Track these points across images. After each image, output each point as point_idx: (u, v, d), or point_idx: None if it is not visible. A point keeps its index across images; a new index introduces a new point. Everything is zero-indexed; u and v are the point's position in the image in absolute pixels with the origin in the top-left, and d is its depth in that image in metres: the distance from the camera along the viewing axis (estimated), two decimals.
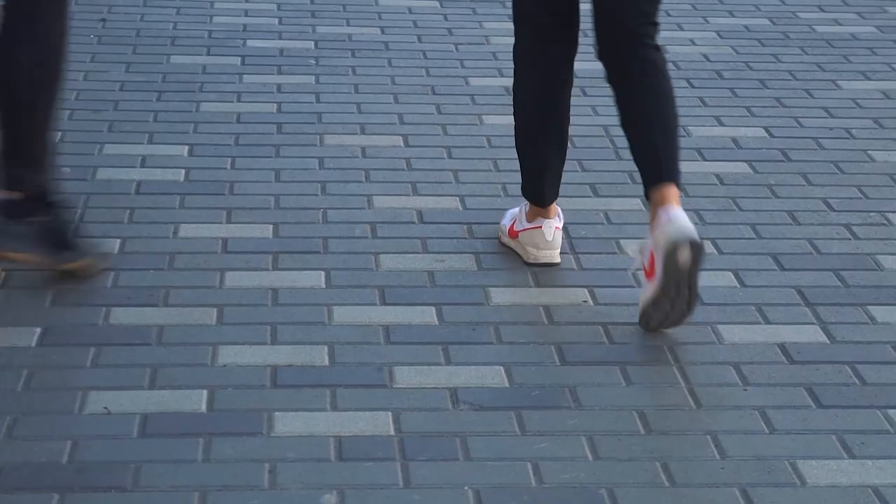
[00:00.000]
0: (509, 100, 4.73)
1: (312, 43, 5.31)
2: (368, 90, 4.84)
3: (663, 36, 5.42)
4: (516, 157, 3.66)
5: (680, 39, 5.49)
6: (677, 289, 3.18)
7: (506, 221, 3.73)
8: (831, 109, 4.81)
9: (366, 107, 4.68)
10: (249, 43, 5.28)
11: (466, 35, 5.46)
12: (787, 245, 3.77)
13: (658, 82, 3.53)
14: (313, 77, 4.95)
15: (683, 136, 4.50)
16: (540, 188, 3.65)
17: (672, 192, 3.30)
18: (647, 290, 3.24)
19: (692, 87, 4.98)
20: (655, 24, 3.58)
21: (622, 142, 4.41)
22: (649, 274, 3.24)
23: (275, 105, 4.67)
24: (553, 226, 3.64)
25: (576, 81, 4.92)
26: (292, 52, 5.20)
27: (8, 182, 3.39)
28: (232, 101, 4.69)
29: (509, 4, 5.80)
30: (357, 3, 5.80)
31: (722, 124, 4.64)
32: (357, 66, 5.08)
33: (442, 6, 5.80)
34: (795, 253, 3.72)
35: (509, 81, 4.92)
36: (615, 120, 4.58)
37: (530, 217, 3.65)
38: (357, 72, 5.02)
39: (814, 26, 5.72)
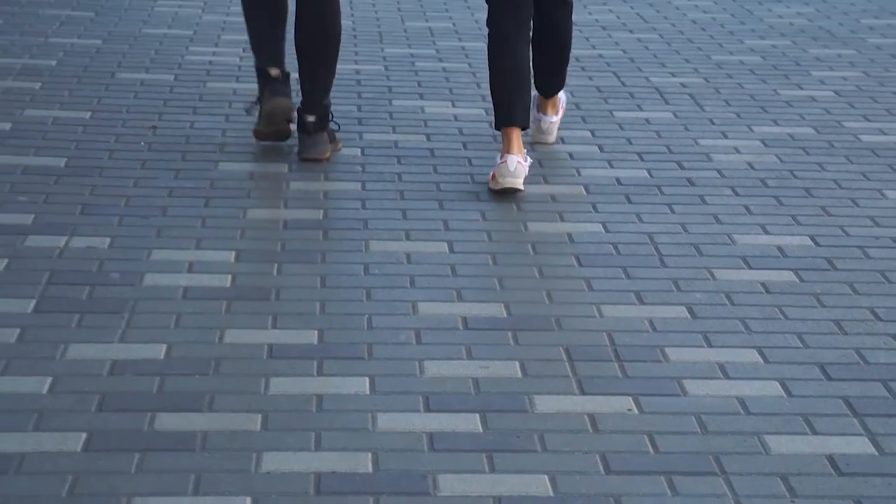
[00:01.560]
0: (555, 206, 4.77)
1: (359, 150, 5.36)
2: (414, 196, 4.87)
3: (708, 144, 5.49)
4: (562, 264, 3.69)
5: (724, 148, 5.51)
6: None
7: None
8: (877, 218, 4.81)
9: (411, 213, 4.71)
10: (297, 149, 5.33)
11: None
12: (834, 355, 3.74)
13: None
14: (359, 184, 4.99)
15: (728, 244, 4.51)
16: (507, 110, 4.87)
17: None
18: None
19: (737, 195, 4.99)
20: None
21: (667, 249, 4.42)
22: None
23: (321, 211, 4.70)
24: (515, 160, 4.83)
25: (619, 189, 4.96)
26: (339, 159, 5.25)
27: (311, 108, 5.15)
28: (279, 208, 4.73)
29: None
30: (403, 110, 5.86)
31: (767, 232, 4.64)
32: (403, 172, 5.12)
33: (487, 114, 5.85)
34: (843, 363, 3.70)
35: (555, 188, 4.96)
36: (660, 227, 4.61)
37: (501, 156, 4.86)
38: (403, 178, 5.06)
39: (859, 135, 5.73)
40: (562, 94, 5.48)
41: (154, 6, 7.50)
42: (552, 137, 5.46)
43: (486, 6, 5.69)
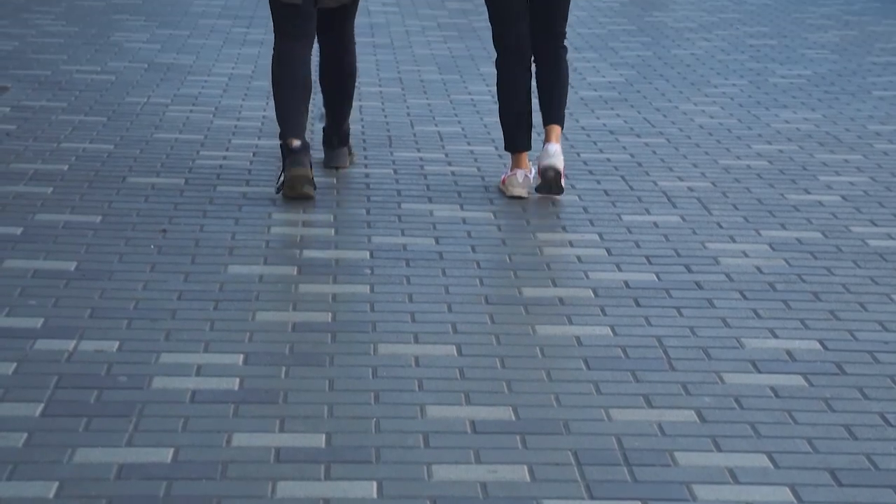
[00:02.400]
0: (563, 309, 4.77)
1: (367, 253, 5.38)
2: (422, 299, 4.88)
3: (716, 247, 5.50)
4: (570, 368, 3.67)
5: (732, 252, 5.52)
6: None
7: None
8: (886, 323, 4.80)
9: (419, 316, 4.72)
10: (306, 253, 5.36)
11: (520, 245, 5.52)
12: (844, 460, 3.72)
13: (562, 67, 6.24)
14: (368, 286, 5.00)
15: (737, 348, 4.50)
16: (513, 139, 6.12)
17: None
18: None
19: (745, 298, 4.99)
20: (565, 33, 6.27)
21: (675, 352, 4.42)
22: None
23: (329, 314, 4.71)
24: (523, 174, 6.09)
25: (628, 292, 4.98)
26: (347, 262, 5.27)
27: (335, 130, 6.42)
28: (287, 310, 4.74)
29: (563, 215, 5.89)
30: (412, 213, 5.89)
31: (776, 336, 4.64)
32: (411, 275, 5.14)
33: (496, 217, 5.87)
34: (853, 468, 3.67)
35: (563, 291, 4.97)
36: (669, 331, 4.60)
37: (511, 169, 6.13)
38: (411, 281, 5.07)
39: (866, 240, 5.75)
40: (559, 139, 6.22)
41: (166, 111, 7.57)
42: (559, 163, 6.08)
43: (494, 111, 6.72)
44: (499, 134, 7.26)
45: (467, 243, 5.54)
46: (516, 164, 6.16)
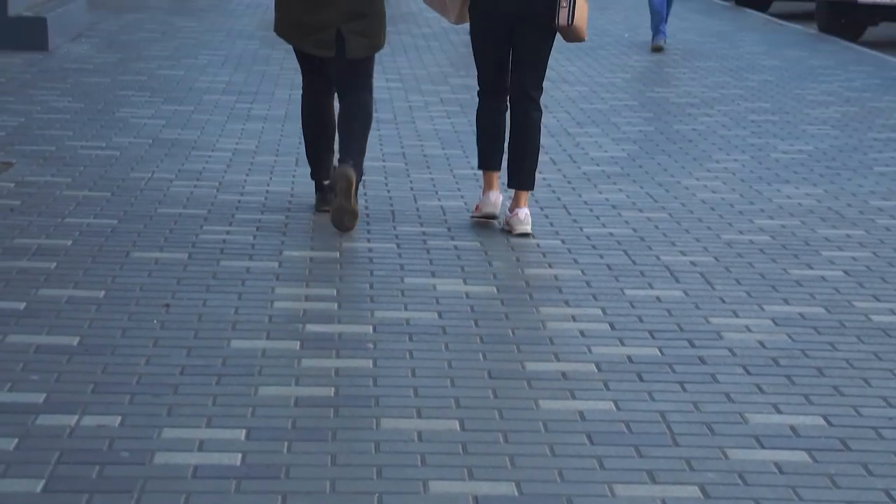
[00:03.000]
0: (566, 384, 4.77)
1: (371, 327, 5.38)
2: (425, 373, 4.88)
3: (719, 322, 5.50)
4: (573, 443, 3.66)
5: (736, 326, 5.52)
6: None
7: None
8: (890, 399, 4.79)
9: (422, 390, 4.71)
10: (308, 327, 5.36)
11: (522, 319, 5.52)
12: None
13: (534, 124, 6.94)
14: (371, 361, 4.99)
15: (741, 424, 4.49)
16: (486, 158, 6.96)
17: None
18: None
19: (749, 374, 4.98)
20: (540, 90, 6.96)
21: (679, 427, 4.40)
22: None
23: (332, 389, 4.70)
24: (495, 195, 6.90)
25: (631, 367, 4.97)
26: (350, 336, 5.26)
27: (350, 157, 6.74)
28: (290, 385, 4.73)
29: (565, 289, 5.90)
30: (415, 288, 5.90)
31: (780, 412, 4.62)
32: (414, 349, 5.13)
33: (498, 291, 5.88)
34: None
35: (566, 365, 4.96)
36: (672, 406, 4.59)
37: (483, 193, 6.91)
38: (414, 356, 5.07)
39: (870, 315, 5.75)
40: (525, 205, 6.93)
41: (170, 186, 7.60)
42: (525, 226, 6.80)
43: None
44: (501, 210, 7.28)
45: (470, 317, 5.54)
46: (488, 187, 6.96)
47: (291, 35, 6.91)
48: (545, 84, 11.47)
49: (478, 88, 7.21)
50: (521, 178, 6.88)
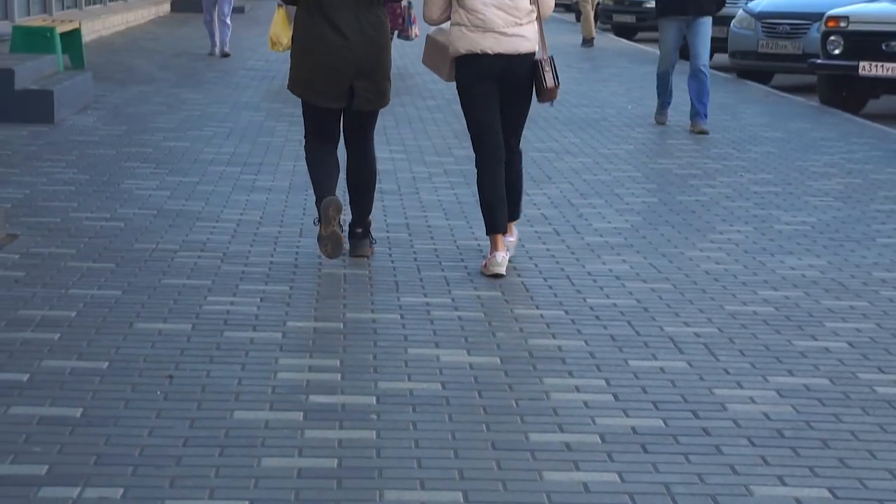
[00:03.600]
0: (570, 455, 4.75)
1: (374, 398, 5.37)
2: (429, 445, 4.86)
3: (724, 393, 5.49)
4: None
5: (740, 398, 5.50)
6: None
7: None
8: None
9: (426, 462, 4.69)
10: (312, 398, 5.35)
11: (526, 390, 5.51)
12: None
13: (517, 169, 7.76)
14: (374, 432, 4.98)
15: (745, 496, 4.46)
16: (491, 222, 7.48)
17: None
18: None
19: (753, 445, 4.96)
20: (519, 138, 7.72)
21: (683, 499, 4.38)
22: None
23: (335, 460, 4.69)
24: (501, 255, 7.40)
25: (635, 438, 4.95)
26: (354, 407, 5.25)
27: (360, 223, 7.75)
28: (293, 457, 4.71)
29: (569, 360, 5.89)
30: (418, 359, 5.89)
31: (785, 484, 4.60)
32: (418, 420, 5.12)
33: (502, 362, 5.87)
34: None
35: (570, 437, 4.94)
36: (677, 478, 4.58)
37: (491, 253, 7.44)
38: (418, 427, 5.05)
39: (874, 387, 5.73)
40: (515, 229, 8.00)
41: (174, 257, 7.61)
42: (510, 253, 7.75)
43: None
44: (505, 280, 7.30)
45: (473, 388, 5.53)
46: (494, 248, 7.45)
47: (306, 90, 7.54)
48: (549, 155, 11.53)
49: (475, 156, 7.64)
50: (511, 213, 7.80)
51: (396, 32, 17.06)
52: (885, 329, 6.62)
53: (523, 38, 7.37)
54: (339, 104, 7.55)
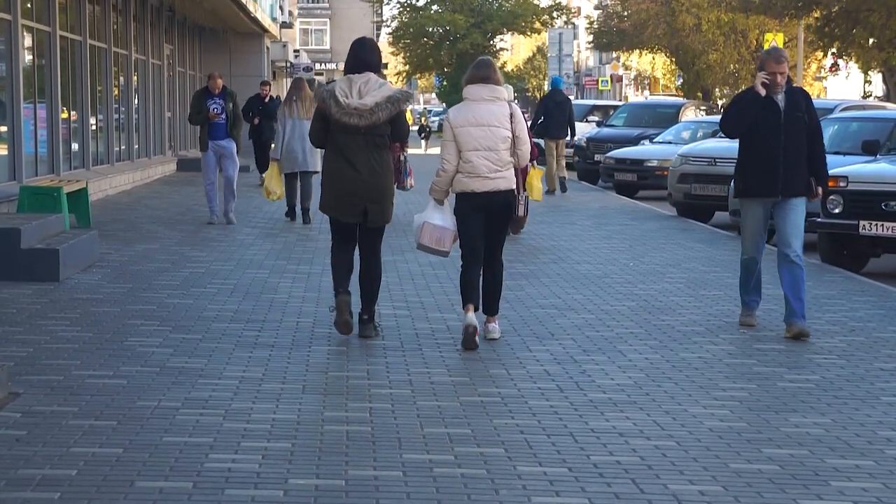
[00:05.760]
0: None
1: None
2: None
3: None
4: None
5: None
6: None
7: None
8: None
9: None
10: None
11: None
12: None
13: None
14: None
15: None
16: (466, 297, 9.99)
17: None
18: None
19: None
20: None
21: None
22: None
23: None
24: (472, 315, 9.85)
25: None
26: None
27: (367, 310, 10.11)
28: None
29: None
30: None
31: None
32: None
33: None
34: None
35: None
36: None
37: (465, 314, 9.87)
38: None
39: None
40: (497, 322, 10.40)
41: (176, 415, 7.59)
42: (497, 335, 10.27)
43: (505, 413, 7.59)
44: (508, 438, 7.27)
45: None
46: (467, 310, 9.97)
47: (331, 210, 10.07)
48: (552, 311, 11.56)
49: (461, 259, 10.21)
50: (493, 309, 10.35)
51: (396, 183, 17.53)
52: (891, 489, 6.57)
53: (503, 178, 10.03)
54: (355, 220, 10.01)
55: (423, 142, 46.58)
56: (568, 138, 27.31)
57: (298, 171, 19.20)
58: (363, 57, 10.03)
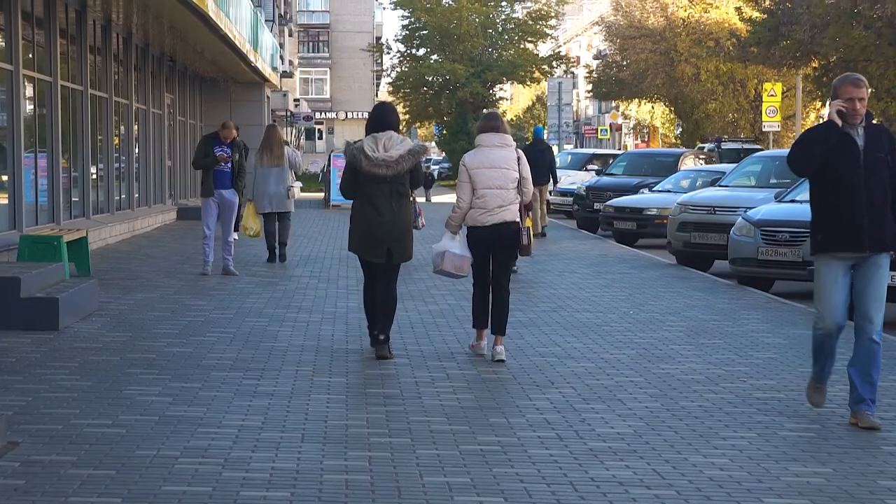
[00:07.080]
0: None
1: None
2: None
3: None
4: None
5: None
6: None
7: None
8: None
9: None
10: None
11: None
12: None
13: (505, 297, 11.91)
14: None
15: None
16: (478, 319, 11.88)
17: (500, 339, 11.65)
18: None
19: None
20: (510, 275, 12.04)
21: None
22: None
23: None
24: (483, 343, 11.82)
25: None
26: None
27: (383, 332, 11.56)
28: None
29: None
30: None
31: None
32: None
33: None
34: None
35: None
36: None
37: (476, 340, 11.95)
38: None
39: None
40: (503, 343, 11.74)
41: (175, 464, 7.58)
42: (503, 356, 11.51)
43: (506, 462, 7.62)
44: (507, 487, 7.25)
45: None
46: (479, 338, 11.88)
47: (360, 251, 11.54)
48: (552, 360, 11.55)
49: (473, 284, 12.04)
50: (501, 328, 11.68)
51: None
52: None
53: (508, 211, 11.68)
54: (380, 259, 11.50)
55: (427, 191, 46.32)
56: (551, 185, 27.89)
57: (276, 212, 20.44)
58: (385, 118, 11.72)
